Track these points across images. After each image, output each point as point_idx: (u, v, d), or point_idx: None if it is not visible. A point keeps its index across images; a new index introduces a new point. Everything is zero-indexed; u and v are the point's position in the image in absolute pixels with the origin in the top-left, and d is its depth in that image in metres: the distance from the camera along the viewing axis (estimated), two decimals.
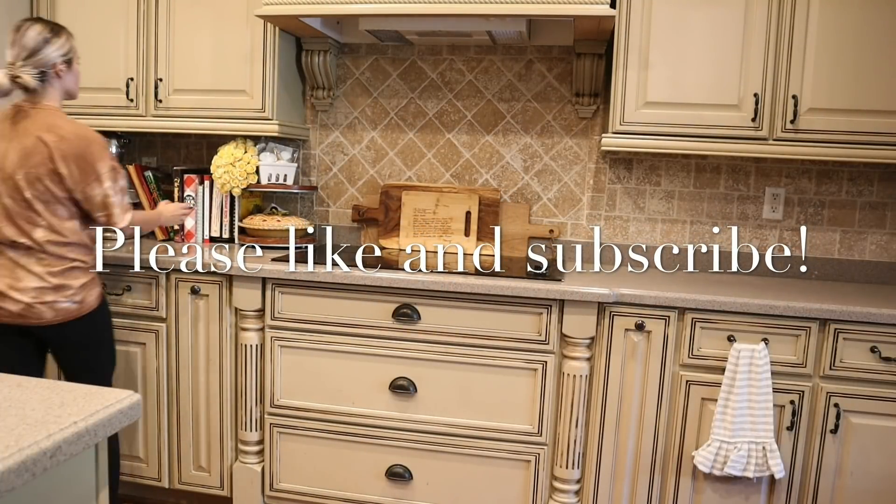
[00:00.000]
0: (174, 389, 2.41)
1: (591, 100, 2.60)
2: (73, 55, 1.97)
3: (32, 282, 1.91)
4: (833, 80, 2.18)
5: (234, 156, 2.59)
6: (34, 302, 1.91)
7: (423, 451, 2.27)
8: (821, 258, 2.54)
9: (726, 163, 2.58)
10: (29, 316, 1.92)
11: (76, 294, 1.97)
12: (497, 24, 2.34)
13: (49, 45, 1.89)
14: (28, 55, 1.88)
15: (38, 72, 1.89)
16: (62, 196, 1.91)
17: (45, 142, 1.87)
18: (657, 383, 2.11)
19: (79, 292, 1.97)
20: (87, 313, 2.01)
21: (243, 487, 2.40)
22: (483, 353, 2.19)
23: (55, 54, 1.91)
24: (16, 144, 1.88)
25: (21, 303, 1.91)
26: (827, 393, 2.02)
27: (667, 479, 2.15)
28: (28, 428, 0.84)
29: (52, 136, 1.87)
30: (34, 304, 1.91)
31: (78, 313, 1.98)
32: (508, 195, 2.75)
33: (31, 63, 1.88)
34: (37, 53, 1.88)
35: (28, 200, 1.88)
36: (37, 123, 1.89)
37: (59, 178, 1.88)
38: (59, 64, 1.92)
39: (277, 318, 2.30)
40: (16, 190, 1.88)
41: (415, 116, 2.79)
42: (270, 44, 2.54)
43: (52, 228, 1.91)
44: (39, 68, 1.89)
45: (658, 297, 2.05)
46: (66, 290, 1.94)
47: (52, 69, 1.91)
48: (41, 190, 1.88)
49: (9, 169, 1.88)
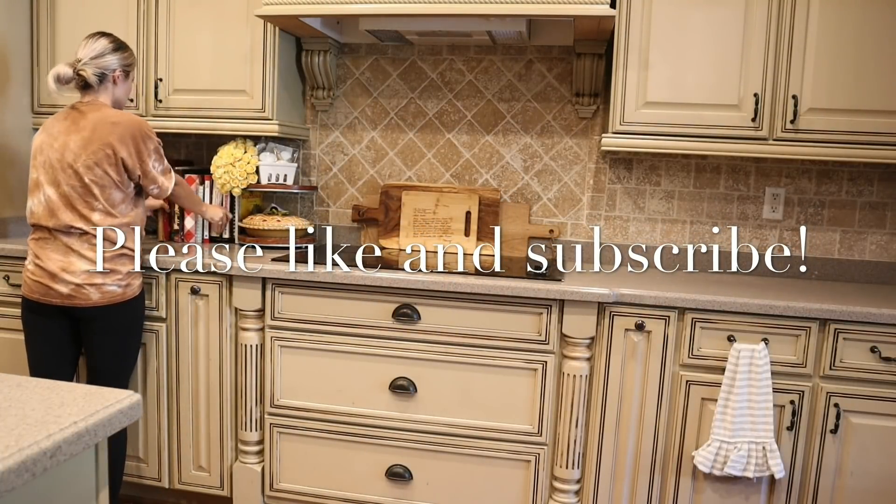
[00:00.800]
0: (174, 389, 2.41)
1: (591, 100, 2.60)
2: (132, 70, 2.23)
3: (84, 265, 2.07)
4: (833, 80, 2.18)
5: (233, 156, 2.59)
6: (84, 283, 2.06)
7: (423, 451, 2.27)
8: (821, 258, 2.54)
9: (726, 163, 2.58)
10: (77, 297, 2.07)
11: (123, 279, 2.13)
12: (497, 24, 2.34)
13: (114, 53, 2.14)
14: (94, 56, 2.11)
15: (99, 72, 2.12)
16: (117, 179, 2.09)
17: (102, 129, 2.07)
18: (657, 383, 2.11)
19: (125, 278, 2.13)
20: (130, 300, 2.16)
21: (243, 487, 2.40)
22: (483, 353, 2.19)
23: (117, 62, 2.15)
24: (74, 136, 2.07)
25: (71, 284, 2.06)
26: (827, 393, 2.02)
27: (667, 479, 2.15)
28: (28, 428, 0.84)
29: (107, 123, 2.08)
30: (84, 284, 2.06)
31: (122, 297, 2.13)
32: (508, 195, 2.75)
33: (94, 63, 2.11)
34: (101, 57, 2.12)
35: (87, 185, 2.06)
36: (92, 116, 2.09)
37: (116, 161, 2.07)
38: (118, 71, 2.16)
39: (277, 318, 2.30)
40: (75, 177, 2.06)
41: (415, 116, 2.79)
42: (270, 44, 2.54)
43: (107, 212, 2.09)
44: (101, 69, 2.12)
45: (658, 297, 2.05)
46: (114, 275, 2.11)
47: (112, 73, 2.15)
48: (99, 175, 2.06)
49: (69, 159, 2.06)
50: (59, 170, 2.07)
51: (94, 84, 2.12)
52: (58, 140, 2.08)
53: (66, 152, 2.07)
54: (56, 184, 2.07)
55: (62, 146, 2.07)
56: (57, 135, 2.09)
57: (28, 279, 2.11)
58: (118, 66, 2.15)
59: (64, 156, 2.07)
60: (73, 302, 2.07)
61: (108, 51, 2.13)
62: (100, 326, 2.13)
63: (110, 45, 2.14)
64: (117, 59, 2.15)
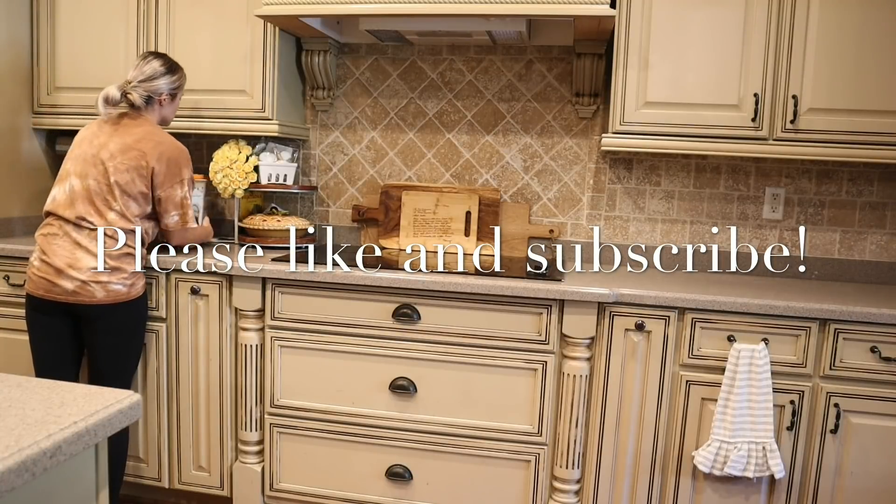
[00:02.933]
0: (174, 389, 2.41)
1: (591, 100, 2.60)
2: (180, 92, 2.30)
3: (90, 261, 2.07)
4: (833, 80, 2.18)
5: (229, 158, 2.59)
6: (90, 280, 2.06)
7: (423, 451, 2.27)
8: (821, 258, 2.54)
9: (726, 163, 2.58)
10: (81, 294, 2.06)
11: (128, 278, 2.13)
12: (497, 24, 2.34)
13: (163, 77, 2.21)
14: (144, 79, 2.18)
15: (146, 95, 2.19)
16: (141, 191, 2.13)
17: (145, 143, 2.13)
18: (657, 383, 2.11)
19: (130, 278, 2.14)
20: (134, 299, 2.16)
21: (243, 487, 2.40)
22: (483, 353, 2.19)
23: (166, 87, 2.22)
24: (116, 140, 2.13)
25: (77, 280, 2.05)
26: (827, 393, 2.02)
27: (667, 479, 2.15)
28: (28, 428, 0.84)
29: (152, 140, 2.15)
30: (89, 281, 2.06)
31: (126, 297, 2.13)
32: (508, 195, 2.75)
33: (142, 86, 2.18)
34: (151, 81, 2.19)
35: (111, 185, 2.10)
36: (139, 129, 2.16)
37: (146, 174, 2.12)
38: (166, 95, 2.23)
39: (277, 318, 2.30)
40: (103, 174, 2.10)
41: (415, 116, 2.79)
42: (270, 44, 2.54)
43: (122, 215, 2.12)
44: (149, 92, 2.19)
45: (658, 297, 2.05)
46: (120, 273, 2.11)
47: (159, 97, 2.22)
48: (126, 180, 2.11)
49: (104, 156, 2.11)
50: (90, 164, 2.11)
51: (140, 106, 2.19)
52: (98, 139, 2.14)
53: (102, 150, 2.12)
54: (83, 176, 2.11)
55: (101, 145, 2.13)
56: (100, 134, 2.16)
57: (33, 275, 2.10)
58: (166, 90, 2.22)
59: (100, 153, 2.12)
60: (78, 299, 2.06)
61: (159, 74, 2.19)
62: (102, 326, 2.12)
63: (161, 69, 2.20)
64: (166, 82, 2.21)
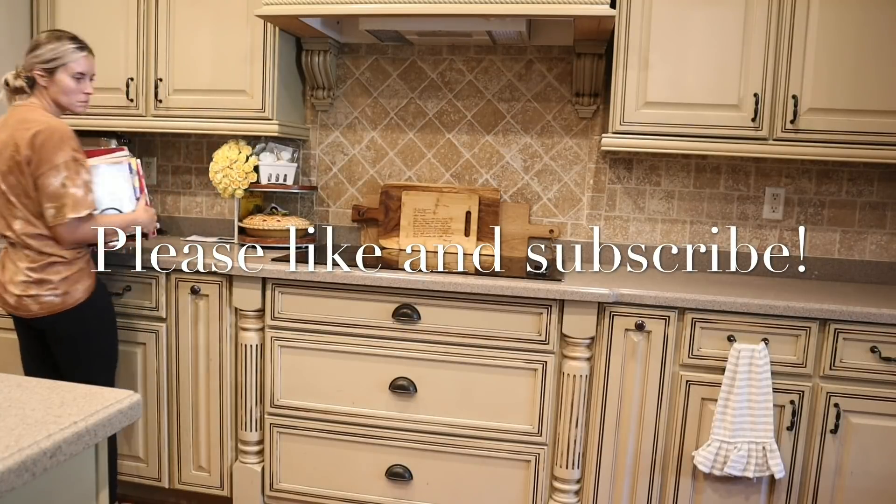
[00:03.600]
0: (174, 389, 2.41)
1: (591, 100, 2.60)
2: (60, 66, 1.96)
3: (19, 276, 1.98)
4: (833, 80, 2.18)
5: (229, 158, 2.59)
6: (22, 294, 1.99)
7: (423, 451, 2.27)
8: (821, 258, 2.54)
9: (726, 163, 2.58)
10: (20, 308, 2.00)
11: (57, 287, 1.99)
12: (497, 24, 2.34)
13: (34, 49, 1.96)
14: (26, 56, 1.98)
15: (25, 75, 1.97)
16: (30, 188, 1.91)
17: (18, 133, 1.89)
18: (657, 383, 2.11)
19: (59, 286, 1.99)
20: (74, 306, 2.03)
21: (243, 487, 2.40)
22: (483, 353, 2.19)
23: (34, 59, 1.96)
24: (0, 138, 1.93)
25: (14, 295, 2.00)
26: (827, 393, 2.02)
27: (667, 479, 2.15)
28: (28, 428, 0.84)
29: (22, 126, 1.90)
30: (22, 296, 1.99)
31: (62, 306, 2.01)
32: (508, 195, 2.75)
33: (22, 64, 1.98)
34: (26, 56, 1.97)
35: (4, 193, 1.94)
36: (12, 119, 1.94)
37: (25, 169, 1.89)
38: (38, 70, 1.96)
39: (277, 318, 2.30)
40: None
41: (415, 116, 2.79)
42: (270, 44, 2.54)
43: (28, 221, 1.94)
44: (25, 70, 1.97)
45: (658, 297, 2.05)
46: (46, 285, 1.98)
47: (31, 73, 1.97)
48: (12, 183, 1.92)
49: None
50: None
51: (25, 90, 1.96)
52: None
53: None
54: None
55: None
56: None
57: None
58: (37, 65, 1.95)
59: None
60: (19, 313, 2.01)
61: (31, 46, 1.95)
62: (52, 337, 2.06)
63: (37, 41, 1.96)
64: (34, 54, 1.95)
